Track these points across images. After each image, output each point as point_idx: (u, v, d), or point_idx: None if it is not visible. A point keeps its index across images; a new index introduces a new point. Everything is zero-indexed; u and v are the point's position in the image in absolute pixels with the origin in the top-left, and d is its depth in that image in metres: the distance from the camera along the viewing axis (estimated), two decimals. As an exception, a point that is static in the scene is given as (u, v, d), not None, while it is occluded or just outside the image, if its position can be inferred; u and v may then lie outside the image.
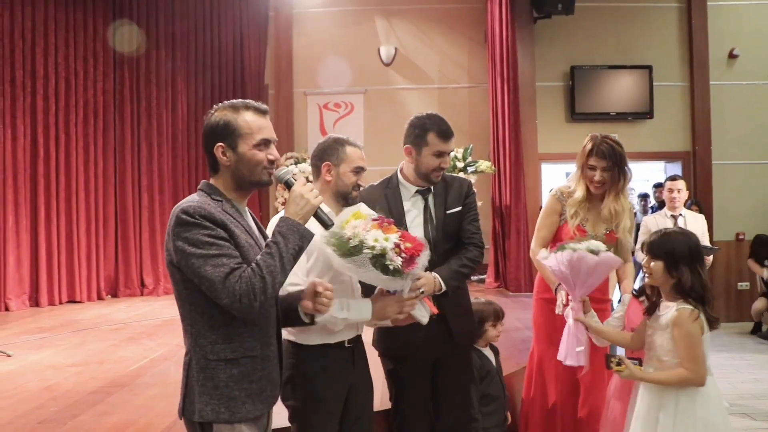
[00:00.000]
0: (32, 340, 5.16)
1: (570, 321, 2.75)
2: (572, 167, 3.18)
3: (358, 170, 2.38)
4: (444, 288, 2.48)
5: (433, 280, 2.44)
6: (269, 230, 2.13)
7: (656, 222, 4.96)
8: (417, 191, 2.71)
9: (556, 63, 8.20)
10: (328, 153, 2.38)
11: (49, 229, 7.05)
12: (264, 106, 1.90)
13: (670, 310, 2.35)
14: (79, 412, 3.29)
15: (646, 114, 8.17)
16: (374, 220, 2.16)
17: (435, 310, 2.36)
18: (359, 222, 2.12)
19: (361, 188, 2.42)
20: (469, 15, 8.36)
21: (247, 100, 1.90)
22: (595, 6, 8.22)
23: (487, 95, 8.08)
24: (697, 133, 8.23)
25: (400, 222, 2.61)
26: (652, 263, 2.39)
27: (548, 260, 2.75)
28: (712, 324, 2.35)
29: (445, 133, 2.64)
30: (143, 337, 5.22)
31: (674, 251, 2.34)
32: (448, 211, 2.69)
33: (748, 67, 8.29)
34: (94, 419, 3.19)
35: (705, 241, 4.86)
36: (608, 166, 2.91)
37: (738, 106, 8.29)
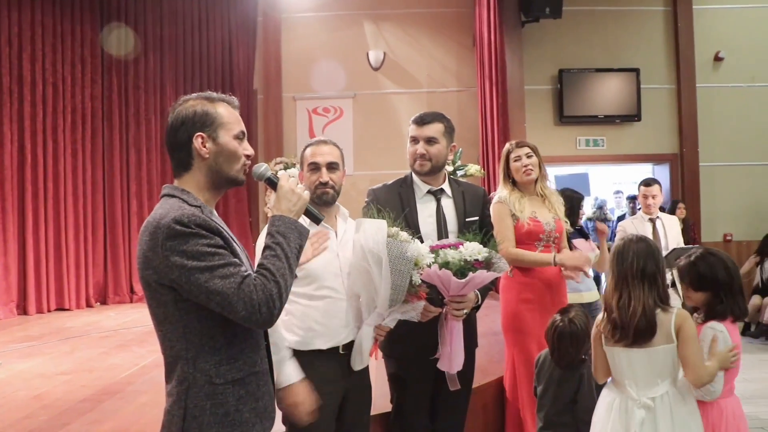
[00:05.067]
0: (21, 349, 5.11)
1: (450, 322, 2.43)
2: (561, 170, 3.38)
3: (313, 167, 2.35)
4: (480, 302, 2.56)
5: (474, 295, 2.48)
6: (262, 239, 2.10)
7: (633, 226, 4.90)
8: (429, 191, 2.71)
9: (544, 66, 8.26)
10: (299, 163, 2.45)
11: (37, 236, 6.99)
12: (236, 101, 1.79)
13: None
14: (70, 421, 3.26)
15: (634, 117, 8.23)
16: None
17: (374, 356, 2.48)
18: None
19: (334, 186, 2.35)
20: (457, 19, 8.40)
21: (220, 94, 1.78)
22: (583, 10, 8.28)
23: (475, 99, 8.12)
24: (684, 135, 8.31)
25: (413, 222, 2.62)
26: None
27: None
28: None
29: (417, 119, 2.69)
30: (133, 344, 5.18)
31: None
32: (467, 219, 2.67)
33: (734, 69, 8.39)
34: (85, 427, 3.16)
35: (681, 243, 4.86)
36: (530, 152, 3.32)
37: (724, 108, 8.38)
